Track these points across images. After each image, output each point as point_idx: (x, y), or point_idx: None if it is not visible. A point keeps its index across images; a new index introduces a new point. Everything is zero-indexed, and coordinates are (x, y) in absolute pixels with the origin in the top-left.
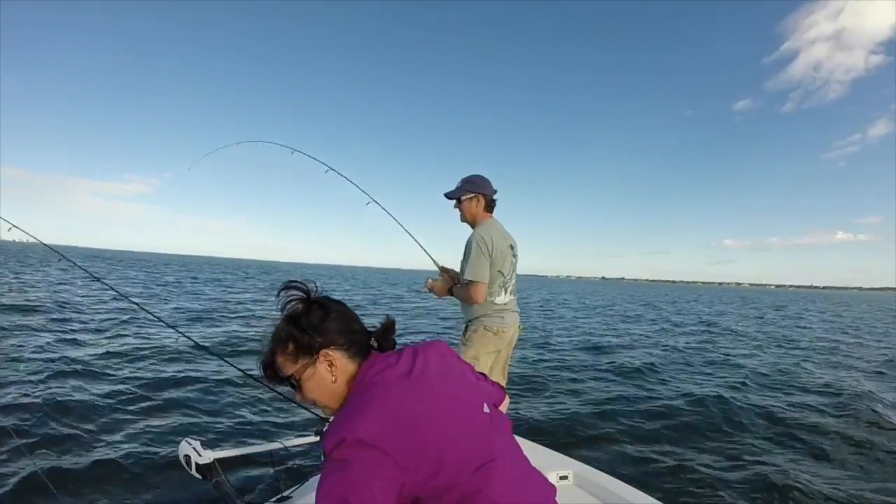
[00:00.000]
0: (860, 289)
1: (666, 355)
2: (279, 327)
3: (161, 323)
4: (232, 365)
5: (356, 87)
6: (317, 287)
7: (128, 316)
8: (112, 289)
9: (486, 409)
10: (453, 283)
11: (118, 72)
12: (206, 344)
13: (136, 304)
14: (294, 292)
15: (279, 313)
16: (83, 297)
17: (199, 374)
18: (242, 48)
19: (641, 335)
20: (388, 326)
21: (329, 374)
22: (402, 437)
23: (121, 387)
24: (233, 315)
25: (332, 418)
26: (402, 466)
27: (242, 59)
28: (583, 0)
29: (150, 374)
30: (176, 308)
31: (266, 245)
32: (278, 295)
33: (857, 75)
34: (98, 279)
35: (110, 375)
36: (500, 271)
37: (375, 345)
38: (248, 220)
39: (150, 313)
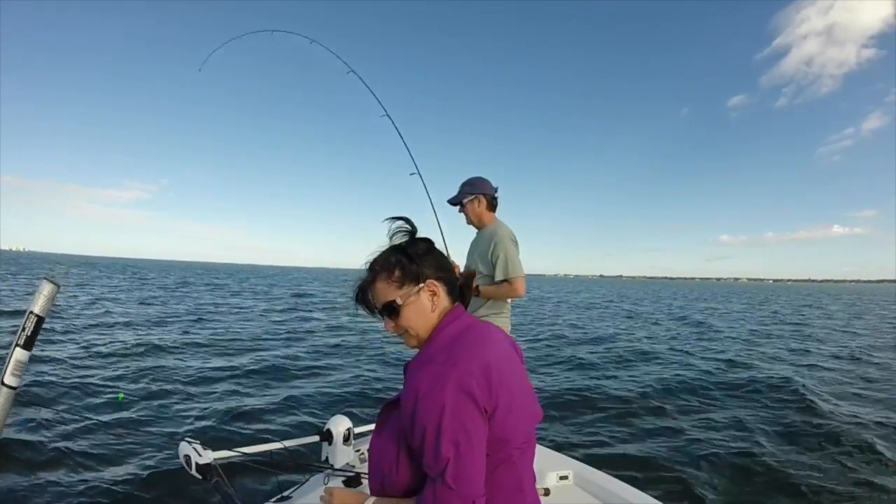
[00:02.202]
0: (858, 281)
1: (665, 355)
2: (386, 253)
3: (161, 325)
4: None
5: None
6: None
7: (128, 319)
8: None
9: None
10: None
11: (115, 77)
12: (206, 343)
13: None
14: (402, 223)
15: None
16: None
17: (198, 375)
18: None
19: (650, 336)
20: (471, 276)
21: (430, 303)
22: (495, 393)
23: (120, 388)
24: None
25: (429, 345)
26: (486, 419)
27: (244, 60)
28: (574, 7)
29: (149, 375)
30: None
31: (268, 248)
32: (390, 225)
33: (849, 69)
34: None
35: (110, 375)
36: None
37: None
38: (248, 224)
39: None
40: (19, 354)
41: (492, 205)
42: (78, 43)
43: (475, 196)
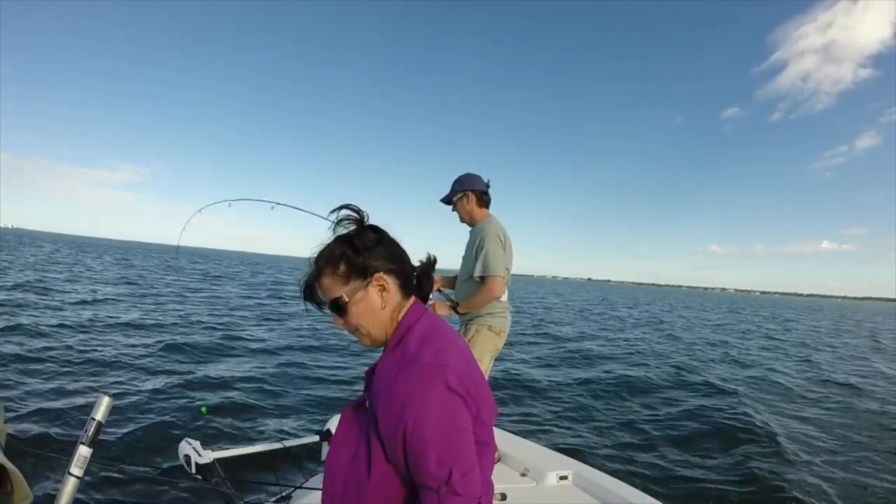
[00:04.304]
0: (844, 297)
1: (664, 354)
2: (331, 247)
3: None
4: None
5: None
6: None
7: (129, 316)
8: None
9: None
10: (449, 291)
11: (108, 60)
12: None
13: None
14: (349, 212)
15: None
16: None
17: (199, 375)
18: (237, 40)
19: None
20: (431, 262)
21: (380, 298)
22: (473, 390)
23: (120, 387)
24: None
25: (392, 347)
26: (471, 413)
27: (237, 52)
28: (572, 8)
29: (149, 374)
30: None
31: (253, 236)
32: (333, 215)
33: (844, 88)
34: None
35: (109, 375)
36: (507, 268)
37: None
38: (236, 212)
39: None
40: (83, 451)
41: (482, 201)
42: (74, 25)
43: (463, 193)
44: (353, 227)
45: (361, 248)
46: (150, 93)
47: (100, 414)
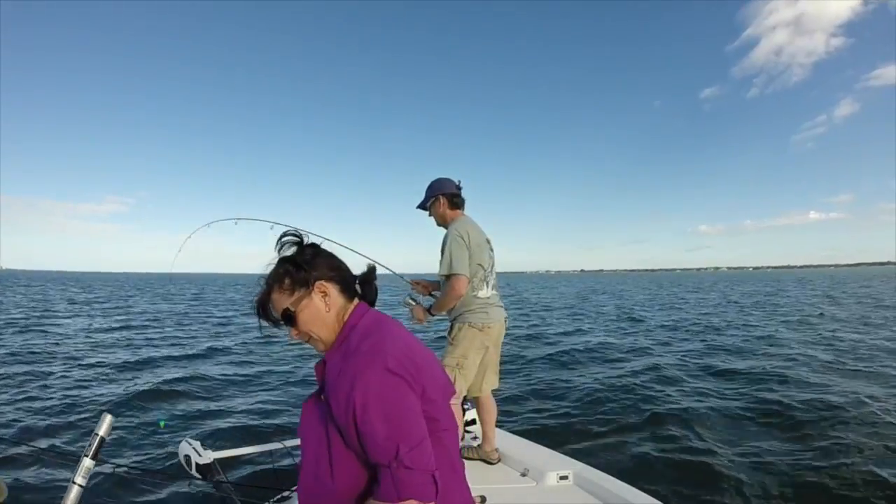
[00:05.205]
0: (837, 265)
1: (662, 353)
2: (275, 267)
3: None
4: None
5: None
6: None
7: (130, 328)
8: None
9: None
10: (429, 295)
11: (84, 91)
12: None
13: None
14: (288, 237)
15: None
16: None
17: (198, 375)
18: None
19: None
20: (371, 270)
21: (323, 303)
22: (414, 371)
23: (120, 387)
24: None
25: (339, 343)
26: (416, 393)
27: (226, 70)
28: None
29: (149, 376)
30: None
31: (237, 254)
32: (276, 243)
33: (818, 58)
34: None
35: (109, 375)
36: (479, 264)
37: (359, 291)
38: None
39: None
40: (88, 463)
41: (453, 203)
42: (53, 50)
43: (435, 198)
44: (293, 248)
45: (301, 263)
46: (130, 121)
47: (102, 430)
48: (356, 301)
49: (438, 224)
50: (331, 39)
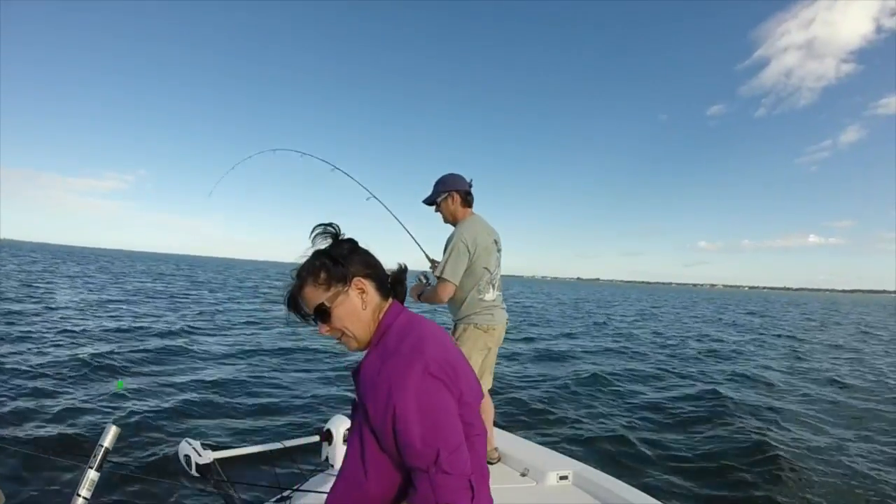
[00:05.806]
0: (833, 290)
1: (659, 354)
2: (310, 260)
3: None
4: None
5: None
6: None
7: (122, 323)
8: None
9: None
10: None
11: (88, 68)
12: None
13: None
14: (323, 229)
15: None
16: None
17: (198, 375)
18: (228, 48)
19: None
20: (403, 269)
21: (360, 300)
22: (453, 375)
23: (119, 387)
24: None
25: (375, 343)
26: (454, 396)
27: (227, 58)
28: (559, 7)
29: (148, 375)
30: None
31: (244, 241)
32: (311, 235)
33: (827, 83)
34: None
35: (108, 376)
36: (486, 268)
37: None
38: (226, 217)
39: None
40: (91, 475)
41: (466, 201)
42: (59, 32)
43: (448, 194)
44: (328, 241)
45: (338, 258)
46: (133, 100)
47: (107, 441)
48: (390, 300)
49: (446, 221)
50: (338, 37)
